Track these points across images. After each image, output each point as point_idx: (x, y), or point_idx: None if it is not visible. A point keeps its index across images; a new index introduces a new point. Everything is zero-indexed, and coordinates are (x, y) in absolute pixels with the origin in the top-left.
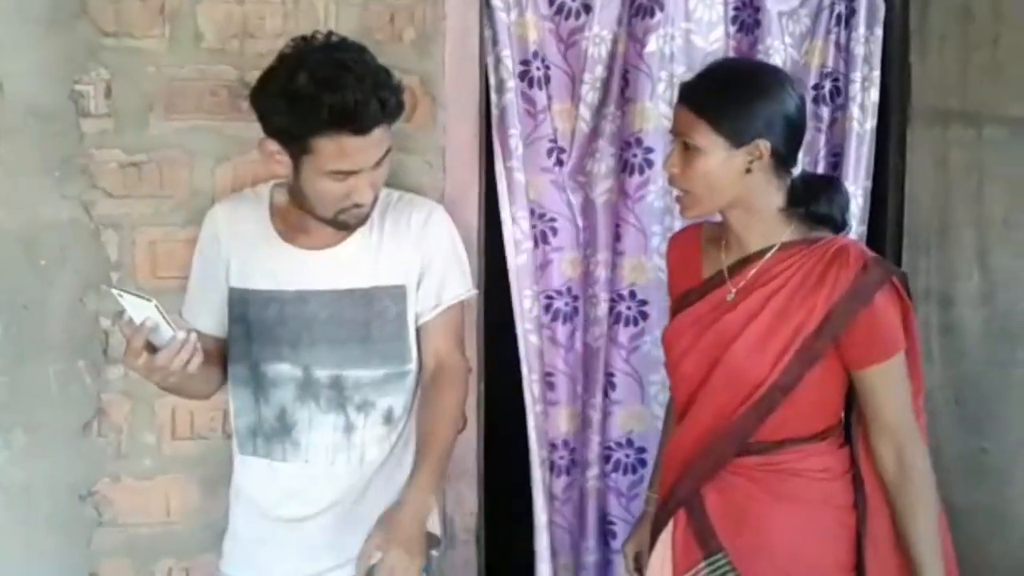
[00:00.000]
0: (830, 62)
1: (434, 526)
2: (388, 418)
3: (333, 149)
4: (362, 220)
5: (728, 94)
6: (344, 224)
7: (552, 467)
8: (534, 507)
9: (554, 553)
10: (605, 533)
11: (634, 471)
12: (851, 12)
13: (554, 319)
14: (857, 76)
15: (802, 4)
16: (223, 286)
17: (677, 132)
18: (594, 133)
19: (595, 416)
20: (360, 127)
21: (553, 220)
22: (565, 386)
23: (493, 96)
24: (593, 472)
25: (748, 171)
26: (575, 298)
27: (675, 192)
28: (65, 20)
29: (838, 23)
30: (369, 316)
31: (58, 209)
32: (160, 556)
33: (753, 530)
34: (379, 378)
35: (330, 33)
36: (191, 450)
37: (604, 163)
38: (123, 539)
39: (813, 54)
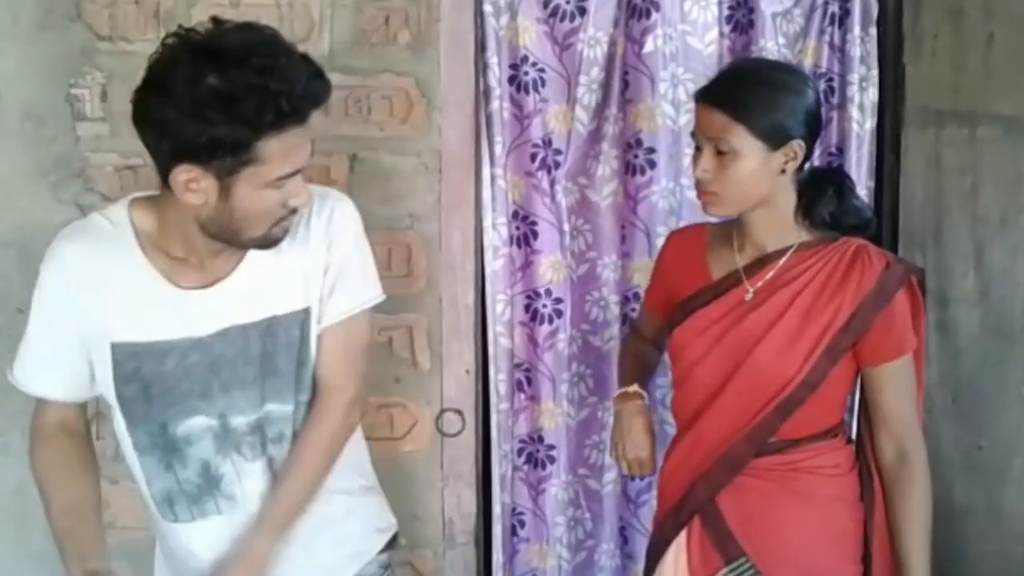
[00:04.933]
0: (824, 62)
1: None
2: None
3: (279, 151)
4: (287, 231)
5: (765, 95)
6: (274, 240)
7: (530, 459)
8: (492, 498)
9: (528, 540)
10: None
11: (642, 477)
12: (845, 12)
13: (532, 319)
14: (854, 77)
15: (795, 4)
16: (84, 343)
17: (709, 136)
18: (595, 135)
19: (611, 420)
20: (304, 116)
21: (535, 223)
22: (543, 385)
23: (481, 102)
24: (611, 476)
25: (782, 172)
26: (557, 300)
27: (700, 191)
28: (60, 24)
29: (831, 23)
30: (275, 348)
31: (54, 213)
32: None
33: (771, 531)
34: (289, 411)
35: (215, 18)
36: None
37: (608, 165)
38: (121, 543)
39: (806, 54)
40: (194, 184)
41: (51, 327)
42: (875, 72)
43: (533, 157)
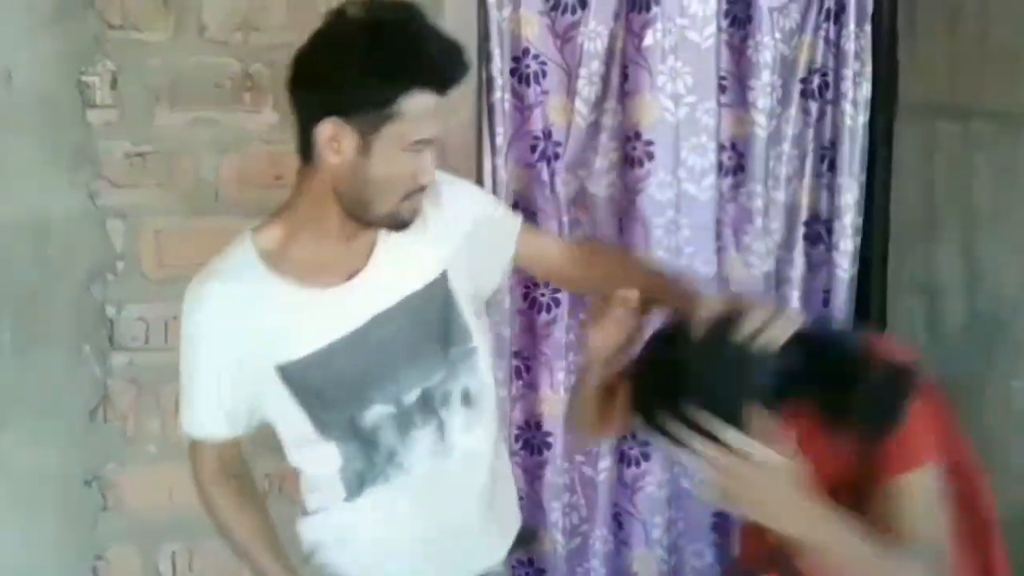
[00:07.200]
0: (819, 57)
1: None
2: (466, 400)
3: (420, 110)
4: (417, 212)
5: None
6: (403, 220)
7: (527, 445)
8: None
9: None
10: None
11: (638, 464)
12: (840, 8)
13: (531, 307)
14: (848, 72)
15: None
16: (243, 376)
17: None
18: (595, 128)
19: None
20: (447, 81)
21: (534, 214)
22: (540, 373)
23: (483, 93)
24: (606, 464)
25: None
26: (555, 289)
27: None
28: (72, 12)
29: (827, 19)
30: (425, 319)
31: (64, 199)
32: (165, 541)
33: None
34: (444, 374)
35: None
36: None
37: (606, 158)
38: (128, 524)
39: (802, 49)
40: (336, 143)
41: (206, 370)
42: (869, 68)
43: (533, 148)
